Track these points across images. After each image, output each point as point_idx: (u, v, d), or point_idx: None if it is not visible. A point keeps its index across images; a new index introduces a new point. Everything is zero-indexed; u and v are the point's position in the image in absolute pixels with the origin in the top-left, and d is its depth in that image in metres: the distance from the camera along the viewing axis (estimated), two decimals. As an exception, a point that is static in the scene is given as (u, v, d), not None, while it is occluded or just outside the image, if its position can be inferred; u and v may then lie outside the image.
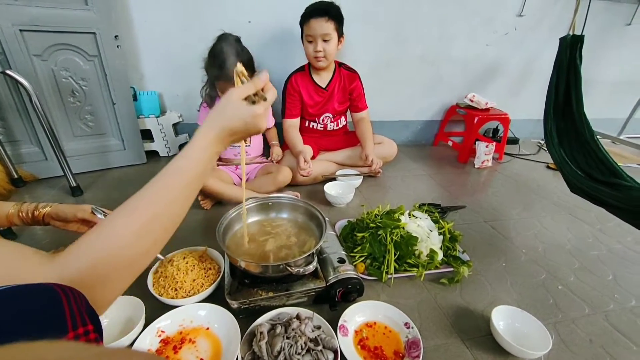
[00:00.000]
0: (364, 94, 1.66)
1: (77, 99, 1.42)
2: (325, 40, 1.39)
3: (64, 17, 1.28)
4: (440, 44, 1.94)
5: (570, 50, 1.32)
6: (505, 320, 0.80)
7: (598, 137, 1.21)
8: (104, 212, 0.82)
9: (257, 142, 1.48)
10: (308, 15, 1.37)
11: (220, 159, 1.44)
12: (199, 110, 1.45)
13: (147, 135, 1.69)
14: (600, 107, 2.46)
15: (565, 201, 1.52)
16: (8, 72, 1.08)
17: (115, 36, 1.38)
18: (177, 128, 1.81)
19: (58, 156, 1.29)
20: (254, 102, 0.53)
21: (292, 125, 1.58)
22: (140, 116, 1.63)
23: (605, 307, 0.91)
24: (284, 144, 1.61)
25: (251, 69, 1.28)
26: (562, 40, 1.35)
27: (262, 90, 0.55)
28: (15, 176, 1.36)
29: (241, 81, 0.57)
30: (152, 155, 1.75)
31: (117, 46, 1.40)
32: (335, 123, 1.69)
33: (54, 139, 1.26)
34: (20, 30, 1.22)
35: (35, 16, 1.23)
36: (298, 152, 1.43)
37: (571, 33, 1.34)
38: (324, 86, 1.56)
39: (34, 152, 1.42)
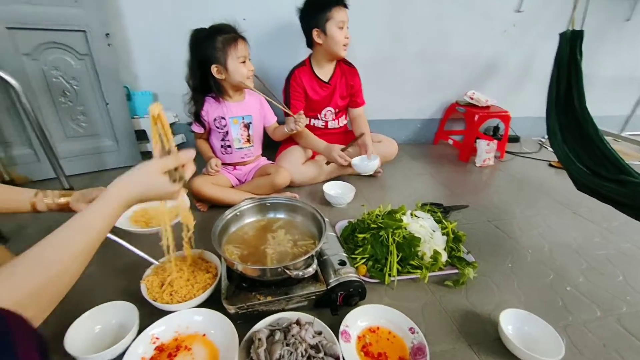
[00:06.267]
0: (362, 90, 1.64)
1: (69, 99, 1.38)
2: (347, 28, 1.40)
3: (53, 15, 1.24)
4: (438, 41, 1.92)
5: (570, 46, 1.30)
6: (514, 324, 0.77)
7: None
8: None
9: (258, 141, 1.43)
10: (337, 2, 1.36)
11: (226, 163, 1.40)
12: (192, 130, 1.37)
13: (142, 135, 1.65)
14: (600, 104, 2.42)
15: (569, 199, 1.49)
16: (-5, 70, 1.05)
17: (106, 34, 1.35)
18: (172, 128, 1.77)
19: (50, 158, 1.26)
20: (174, 180, 0.55)
21: None
22: (134, 116, 1.59)
23: (617, 310, 0.89)
24: (283, 144, 1.58)
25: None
26: (562, 35, 1.33)
27: (183, 166, 0.57)
28: (7, 178, 1.33)
29: (159, 134, 0.58)
30: (148, 156, 1.72)
31: (109, 44, 1.37)
32: (337, 121, 1.66)
33: (45, 140, 1.22)
34: (8, 28, 1.19)
35: (24, 14, 1.20)
36: (325, 148, 1.46)
37: (570, 28, 1.32)
38: (326, 80, 1.53)
39: (26, 153, 1.38)
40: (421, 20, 1.83)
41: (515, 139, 2.24)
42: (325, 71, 1.53)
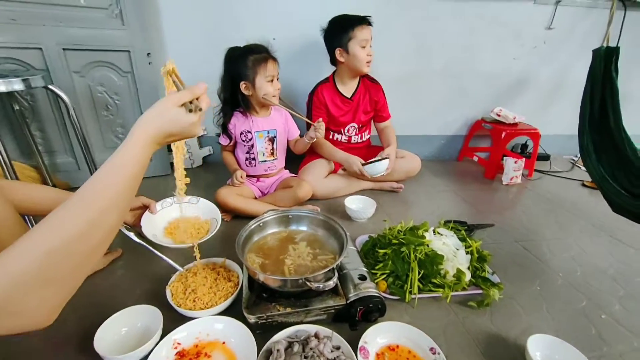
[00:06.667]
0: (387, 104, 1.67)
1: (110, 113, 1.50)
2: (371, 46, 1.44)
3: (102, 37, 1.36)
4: (464, 57, 1.91)
5: (605, 63, 1.26)
6: (542, 350, 0.73)
7: (640, 153, 1.13)
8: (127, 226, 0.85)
9: (281, 155, 1.47)
10: (360, 21, 1.40)
11: (250, 175, 1.45)
12: (218, 142, 1.44)
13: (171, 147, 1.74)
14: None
15: (604, 222, 1.40)
16: (51, 87, 1.16)
17: (148, 53, 1.46)
18: (201, 140, 1.86)
19: (90, 166, 1.35)
20: (190, 111, 0.55)
21: None
22: (167, 129, 1.69)
23: (659, 342, 0.82)
24: (306, 158, 1.62)
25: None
26: (596, 52, 1.29)
27: (197, 99, 0.57)
28: (50, 184, 1.44)
29: (173, 81, 0.60)
30: (177, 166, 1.80)
31: (149, 63, 1.48)
32: (360, 136, 1.68)
33: (87, 150, 1.32)
34: (64, 49, 1.31)
35: (77, 36, 1.32)
36: (344, 159, 1.48)
37: (605, 45, 1.28)
38: (349, 96, 1.57)
39: (68, 162, 1.49)
40: (447, 36, 1.84)
41: (545, 157, 2.16)
42: (348, 87, 1.57)
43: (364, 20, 1.41)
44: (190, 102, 0.55)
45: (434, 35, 1.83)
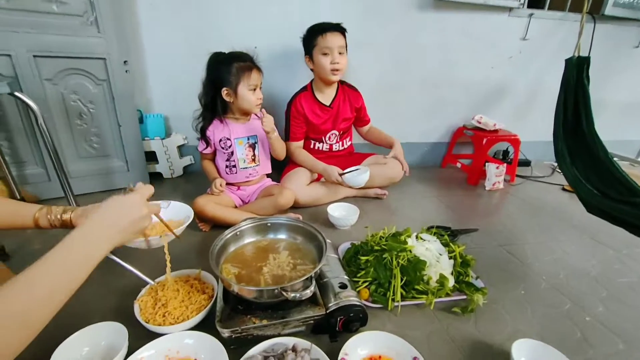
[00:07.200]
0: (366, 108, 1.70)
1: (84, 122, 1.44)
2: (340, 53, 1.43)
3: (77, 44, 1.32)
4: (443, 67, 1.95)
5: (577, 71, 1.30)
6: (527, 355, 0.71)
7: (615, 158, 1.15)
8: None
9: (264, 161, 1.44)
10: (323, 30, 1.40)
11: (230, 183, 1.41)
12: (197, 148, 1.41)
13: (151, 157, 1.70)
14: (614, 129, 2.39)
15: (585, 225, 1.42)
16: (17, 93, 1.10)
17: (125, 61, 1.42)
18: (181, 150, 1.81)
19: (60, 177, 1.29)
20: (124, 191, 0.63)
21: (299, 146, 1.58)
22: (145, 138, 1.64)
23: (642, 343, 0.81)
24: (288, 166, 1.59)
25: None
26: (568, 61, 1.34)
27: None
28: (18, 197, 1.36)
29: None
30: (156, 177, 1.75)
31: (126, 71, 1.44)
32: (341, 143, 1.67)
33: (58, 160, 1.26)
34: (34, 56, 1.27)
35: (50, 43, 1.28)
36: (323, 169, 1.46)
37: (577, 55, 1.33)
38: (328, 104, 1.56)
39: (38, 173, 1.43)
40: (427, 47, 1.87)
41: (526, 163, 2.19)
42: (326, 95, 1.57)
43: (328, 29, 1.40)
44: None
45: (414, 45, 1.86)
